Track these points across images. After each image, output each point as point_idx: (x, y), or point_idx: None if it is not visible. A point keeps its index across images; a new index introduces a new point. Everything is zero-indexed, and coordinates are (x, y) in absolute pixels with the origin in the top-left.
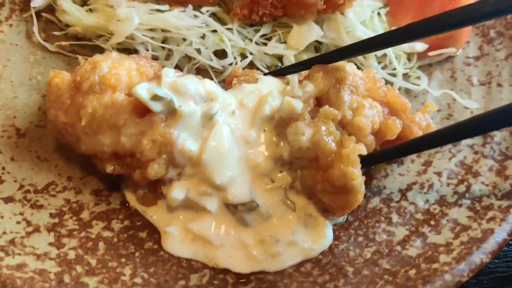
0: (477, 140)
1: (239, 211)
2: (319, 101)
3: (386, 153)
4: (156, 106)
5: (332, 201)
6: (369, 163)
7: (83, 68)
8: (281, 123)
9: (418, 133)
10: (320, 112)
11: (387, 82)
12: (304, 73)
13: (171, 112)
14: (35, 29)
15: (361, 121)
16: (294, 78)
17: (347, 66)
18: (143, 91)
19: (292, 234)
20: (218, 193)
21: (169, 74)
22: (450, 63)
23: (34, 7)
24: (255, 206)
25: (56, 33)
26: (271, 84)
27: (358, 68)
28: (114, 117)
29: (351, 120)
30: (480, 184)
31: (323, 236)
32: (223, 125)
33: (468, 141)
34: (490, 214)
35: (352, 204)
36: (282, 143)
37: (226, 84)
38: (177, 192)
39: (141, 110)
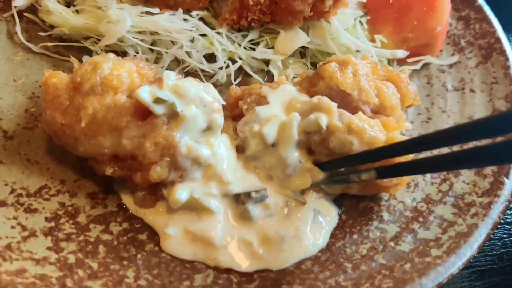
0: None
1: (250, 199)
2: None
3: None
4: (158, 109)
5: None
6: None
7: (83, 69)
8: (322, 142)
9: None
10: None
11: None
12: (297, 80)
13: (173, 115)
14: (18, 29)
15: (390, 101)
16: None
17: (353, 58)
18: (146, 94)
19: (297, 231)
20: (227, 187)
21: (171, 77)
22: (426, 70)
23: (16, 7)
24: (266, 195)
25: (41, 33)
26: (286, 94)
27: None
28: (116, 119)
29: (380, 104)
30: (462, 183)
31: (327, 232)
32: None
33: None
34: (473, 210)
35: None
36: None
37: (228, 108)
38: (181, 193)
39: (143, 113)
